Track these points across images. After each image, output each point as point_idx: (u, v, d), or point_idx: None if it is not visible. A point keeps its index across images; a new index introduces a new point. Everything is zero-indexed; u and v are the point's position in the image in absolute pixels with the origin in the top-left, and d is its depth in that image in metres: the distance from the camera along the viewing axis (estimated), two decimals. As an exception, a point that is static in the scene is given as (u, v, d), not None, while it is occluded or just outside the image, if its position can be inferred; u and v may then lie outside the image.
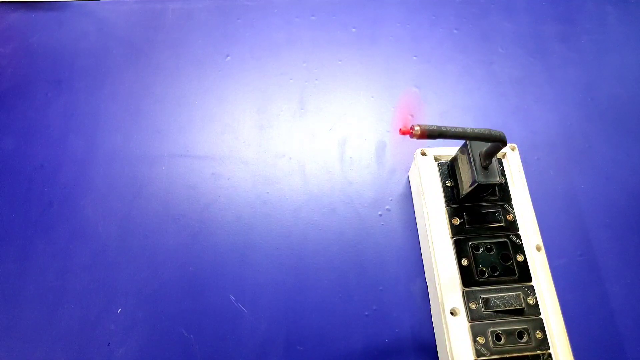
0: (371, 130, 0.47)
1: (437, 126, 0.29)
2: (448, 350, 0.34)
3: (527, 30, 0.53)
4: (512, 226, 0.38)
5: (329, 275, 0.41)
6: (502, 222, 0.38)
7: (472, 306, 0.35)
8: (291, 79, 0.50)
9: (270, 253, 0.42)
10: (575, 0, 0.56)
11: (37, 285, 0.40)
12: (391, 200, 0.44)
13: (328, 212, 0.44)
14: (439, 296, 0.36)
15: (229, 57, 0.51)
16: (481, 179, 0.35)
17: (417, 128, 0.29)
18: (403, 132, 0.29)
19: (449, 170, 0.40)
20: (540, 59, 0.52)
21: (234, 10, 0.53)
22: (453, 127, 0.30)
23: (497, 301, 0.35)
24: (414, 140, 0.30)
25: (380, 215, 0.43)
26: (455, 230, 0.38)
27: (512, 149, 0.41)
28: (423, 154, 0.41)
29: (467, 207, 0.38)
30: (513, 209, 0.38)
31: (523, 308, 0.35)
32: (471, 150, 0.36)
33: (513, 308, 0.35)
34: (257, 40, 0.52)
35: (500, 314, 0.35)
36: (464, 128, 0.30)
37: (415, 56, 0.51)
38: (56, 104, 0.48)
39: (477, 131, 0.30)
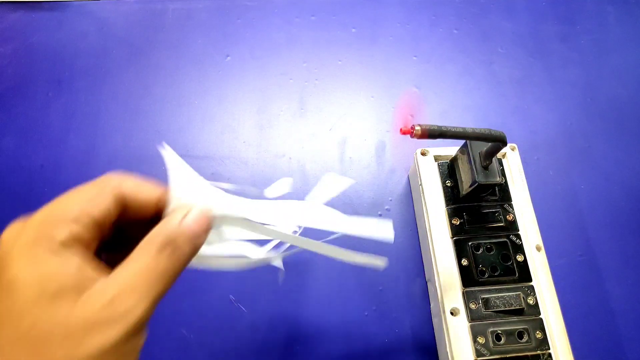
0: (371, 130, 0.47)
1: (437, 126, 0.29)
2: (448, 350, 0.34)
3: (527, 30, 0.53)
4: (512, 226, 0.38)
5: (329, 275, 0.41)
6: (502, 222, 0.38)
7: (472, 306, 0.35)
8: (291, 79, 0.50)
9: (270, 253, 0.42)
10: (575, 0, 0.56)
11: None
12: (391, 200, 0.44)
13: (328, 212, 0.44)
14: (439, 296, 0.36)
15: (229, 57, 0.51)
16: (481, 179, 0.35)
17: (417, 128, 0.29)
18: (404, 132, 0.29)
19: (449, 170, 0.40)
20: (540, 59, 0.52)
21: (234, 10, 0.53)
22: (453, 127, 0.30)
23: (497, 301, 0.35)
24: (414, 140, 0.30)
25: (380, 215, 0.43)
26: (455, 230, 0.38)
27: (512, 149, 0.41)
28: (423, 153, 0.41)
29: (467, 207, 0.38)
30: (513, 209, 0.38)
31: (523, 308, 0.35)
32: (471, 150, 0.36)
33: (513, 308, 0.35)
34: (257, 40, 0.52)
35: (500, 314, 0.35)
36: (464, 128, 0.30)
37: (415, 56, 0.51)
38: (56, 104, 0.48)
39: (477, 131, 0.30)
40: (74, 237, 0.18)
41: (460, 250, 0.37)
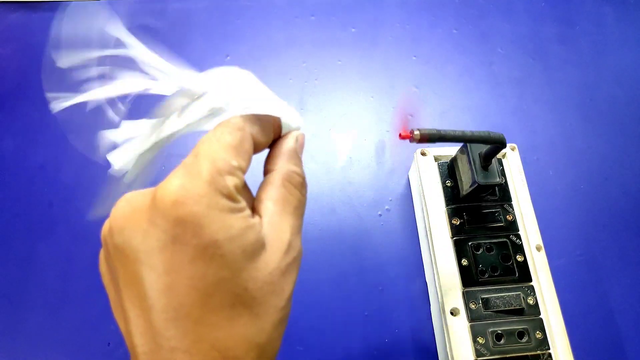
0: (371, 130, 0.47)
1: (436, 130, 0.29)
2: (448, 350, 0.34)
3: (526, 31, 0.54)
4: (512, 226, 0.38)
5: (329, 275, 0.41)
6: (502, 222, 0.38)
7: (472, 306, 0.35)
8: (291, 79, 0.50)
9: (270, 253, 0.42)
10: (574, 2, 0.56)
11: (39, 286, 0.40)
12: (391, 200, 0.44)
13: (328, 212, 0.44)
14: (439, 296, 0.36)
15: (229, 57, 0.51)
16: (481, 180, 0.35)
17: (416, 132, 0.29)
18: (403, 137, 0.29)
19: (449, 170, 0.40)
20: (539, 60, 0.52)
21: (234, 10, 0.53)
22: (452, 130, 0.30)
23: (497, 301, 0.35)
24: (414, 141, 0.30)
25: (380, 215, 0.44)
26: (455, 230, 0.38)
27: (512, 149, 0.41)
28: (423, 154, 0.41)
29: (467, 207, 0.38)
30: (513, 209, 0.39)
31: (523, 308, 0.35)
32: (471, 150, 0.36)
33: (513, 308, 0.35)
34: (257, 40, 0.52)
35: (500, 314, 0.35)
36: (464, 131, 0.30)
37: (415, 56, 0.51)
38: (56, 104, 0.48)
39: (476, 134, 0.30)
40: (241, 184, 0.19)
41: (460, 250, 0.37)
